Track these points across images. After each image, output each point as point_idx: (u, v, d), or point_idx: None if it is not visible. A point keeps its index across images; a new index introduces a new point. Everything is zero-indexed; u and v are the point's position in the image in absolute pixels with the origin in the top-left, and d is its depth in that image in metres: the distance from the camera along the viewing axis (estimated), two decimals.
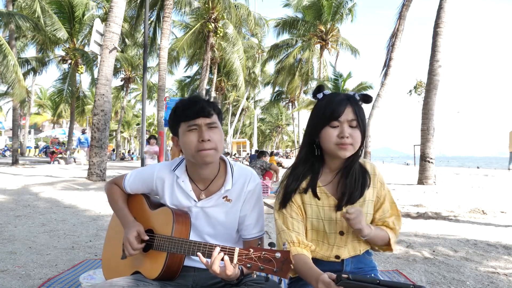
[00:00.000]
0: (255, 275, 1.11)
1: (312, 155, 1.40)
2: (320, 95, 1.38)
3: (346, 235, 1.39)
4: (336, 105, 1.30)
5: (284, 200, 1.38)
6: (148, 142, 10.89)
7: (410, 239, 3.76)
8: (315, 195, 1.37)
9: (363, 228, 1.28)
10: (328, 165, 1.40)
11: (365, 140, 1.34)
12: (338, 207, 1.36)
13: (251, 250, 1.10)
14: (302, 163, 1.40)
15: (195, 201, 1.47)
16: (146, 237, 1.43)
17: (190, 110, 1.37)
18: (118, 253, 1.54)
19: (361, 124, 1.31)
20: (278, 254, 1.06)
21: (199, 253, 1.20)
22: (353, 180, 1.36)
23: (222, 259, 1.15)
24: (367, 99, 1.37)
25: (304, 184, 1.38)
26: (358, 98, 1.35)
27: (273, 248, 1.08)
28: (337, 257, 1.40)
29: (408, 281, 2.53)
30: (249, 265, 1.09)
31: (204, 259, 1.18)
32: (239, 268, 1.19)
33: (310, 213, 1.38)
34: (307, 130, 1.41)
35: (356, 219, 1.26)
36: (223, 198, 1.47)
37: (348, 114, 1.29)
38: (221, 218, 1.48)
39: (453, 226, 4.56)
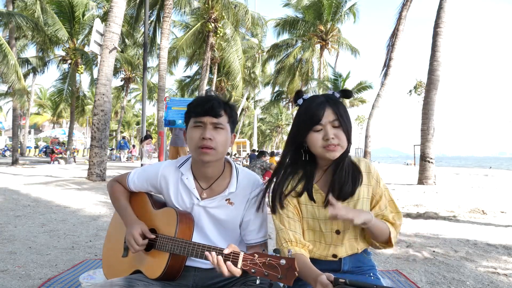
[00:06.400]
0: (258, 281, 1.10)
1: (300, 159, 1.39)
2: (300, 101, 1.37)
3: (343, 234, 1.39)
4: (315, 109, 1.30)
5: (274, 205, 1.38)
6: (140, 142, 11.03)
7: (410, 239, 3.76)
8: (311, 198, 1.36)
9: (354, 217, 1.21)
10: (320, 166, 1.40)
11: (351, 136, 1.32)
12: (326, 202, 1.33)
13: (256, 255, 1.10)
14: (289, 166, 1.40)
15: (198, 199, 1.48)
16: (152, 236, 1.43)
17: (200, 107, 1.40)
18: (119, 251, 1.55)
19: (344, 123, 1.30)
20: (283, 261, 1.06)
21: (206, 253, 1.20)
22: (342, 174, 1.34)
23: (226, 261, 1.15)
24: (347, 94, 1.37)
25: (299, 188, 1.37)
26: (338, 95, 1.35)
27: (278, 255, 1.08)
28: (334, 256, 1.40)
29: (409, 283, 2.53)
30: (253, 271, 1.09)
31: (213, 259, 1.17)
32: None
33: (305, 213, 1.38)
34: (290, 136, 1.40)
35: (341, 212, 1.20)
36: (226, 200, 1.47)
37: (328, 115, 1.29)
38: (223, 218, 1.48)
39: (453, 226, 4.56)
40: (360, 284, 0.99)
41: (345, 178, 1.34)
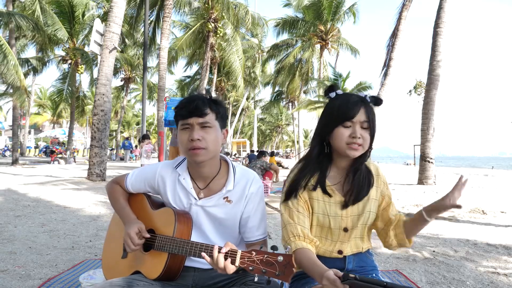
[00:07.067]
0: (256, 278, 1.10)
1: (318, 154, 1.42)
2: (333, 94, 1.40)
3: (350, 232, 1.41)
4: (351, 106, 1.33)
5: (290, 193, 1.39)
6: (139, 142, 11.03)
7: None
8: (324, 192, 1.39)
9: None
10: (335, 163, 1.42)
11: (373, 142, 1.37)
12: (345, 205, 1.39)
13: (253, 253, 1.10)
14: (314, 162, 1.41)
15: (195, 199, 1.47)
16: (147, 235, 1.43)
17: (184, 109, 1.39)
18: (118, 253, 1.54)
19: (372, 126, 1.34)
20: (280, 258, 1.06)
21: (203, 253, 1.20)
22: (360, 179, 1.39)
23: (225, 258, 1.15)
24: (377, 101, 1.41)
25: (312, 181, 1.39)
26: (369, 100, 1.39)
27: (275, 252, 1.08)
28: (340, 252, 1.41)
29: (409, 283, 2.53)
30: (251, 268, 1.08)
31: (209, 258, 1.18)
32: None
33: (317, 208, 1.40)
34: (318, 129, 1.42)
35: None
36: (224, 198, 1.47)
37: (361, 115, 1.33)
38: (221, 217, 1.48)
39: (453, 226, 4.57)
40: (370, 280, 0.99)
41: (362, 183, 1.40)
